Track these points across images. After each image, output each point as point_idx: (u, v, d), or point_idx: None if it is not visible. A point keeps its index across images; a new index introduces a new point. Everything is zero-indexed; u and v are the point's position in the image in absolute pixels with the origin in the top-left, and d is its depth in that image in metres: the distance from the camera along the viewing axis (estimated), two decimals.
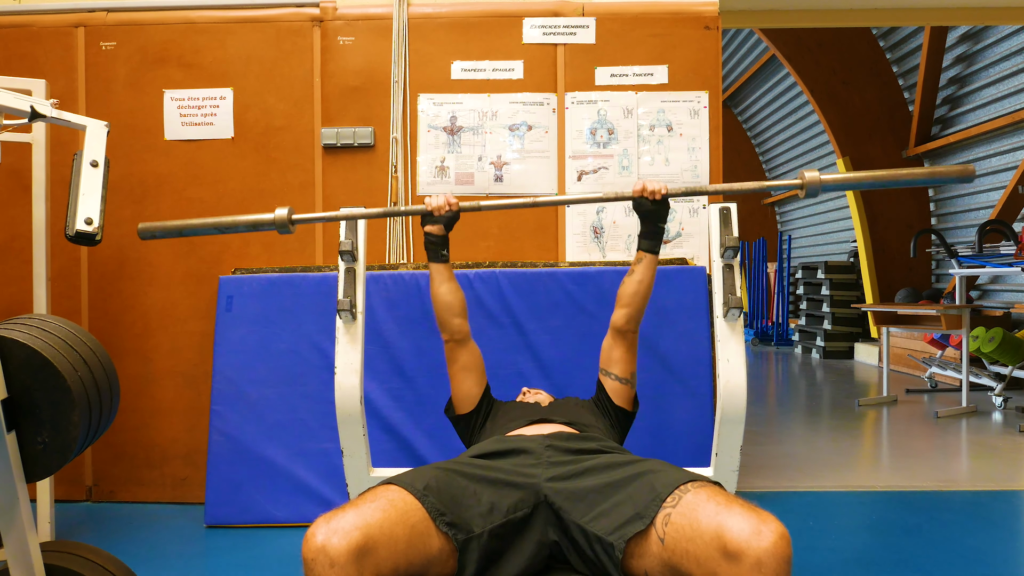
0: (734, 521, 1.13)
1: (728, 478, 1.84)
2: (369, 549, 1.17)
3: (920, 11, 3.78)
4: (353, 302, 1.90)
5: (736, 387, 1.80)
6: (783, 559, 1.10)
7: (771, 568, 1.09)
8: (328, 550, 1.15)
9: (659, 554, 1.23)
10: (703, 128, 3.18)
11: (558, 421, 1.70)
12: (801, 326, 9.34)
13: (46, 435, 1.44)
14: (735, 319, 1.84)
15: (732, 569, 1.10)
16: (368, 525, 1.19)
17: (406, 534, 1.24)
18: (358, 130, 3.18)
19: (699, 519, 1.17)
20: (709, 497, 1.20)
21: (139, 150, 3.20)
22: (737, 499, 1.20)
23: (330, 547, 1.15)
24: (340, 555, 1.14)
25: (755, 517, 1.13)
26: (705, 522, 1.16)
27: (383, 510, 1.24)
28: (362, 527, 1.18)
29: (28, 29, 3.21)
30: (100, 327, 3.17)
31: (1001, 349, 5.12)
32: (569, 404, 1.90)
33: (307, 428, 2.91)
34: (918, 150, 7.80)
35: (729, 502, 1.18)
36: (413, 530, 1.25)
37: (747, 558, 1.09)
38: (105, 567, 1.54)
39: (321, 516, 1.21)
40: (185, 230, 1.80)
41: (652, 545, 1.23)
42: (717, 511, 1.16)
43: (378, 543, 1.19)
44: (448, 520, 1.31)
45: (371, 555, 1.17)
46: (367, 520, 1.20)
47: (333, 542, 1.15)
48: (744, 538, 1.10)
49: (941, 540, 2.64)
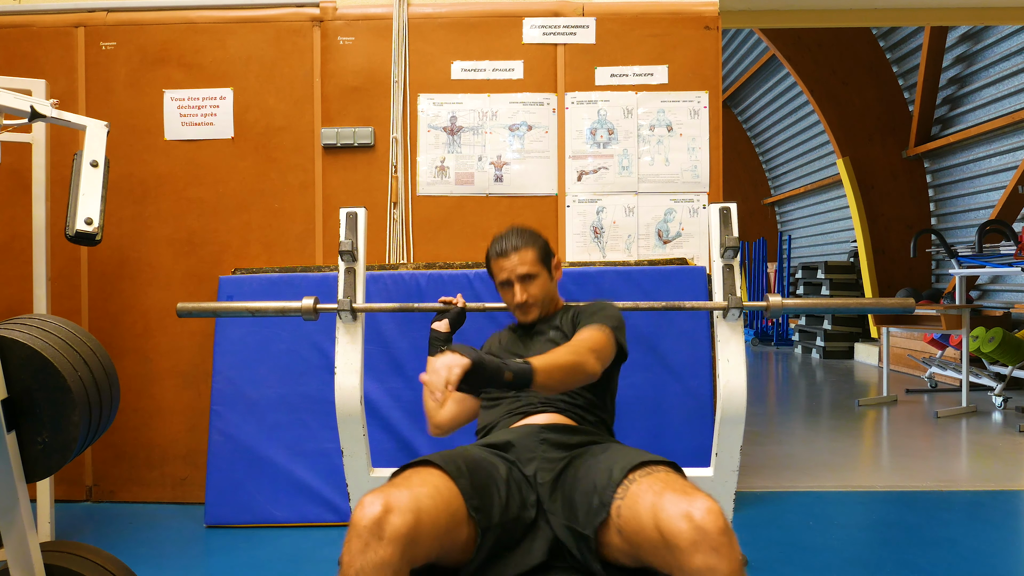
0: (665, 508, 1.16)
1: (728, 478, 1.84)
2: (417, 535, 1.19)
3: (920, 11, 3.78)
4: (353, 302, 1.90)
5: (736, 387, 1.80)
6: (717, 531, 1.12)
7: (708, 543, 1.11)
8: (384, 525, 1.16)
9: (620, 545, 1.28)
10: (703, 128, 3.18)
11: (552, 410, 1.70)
12: (801, 326, 9.34)
13: (46, 435, 1.44)
14: (735, 319, 1.84)
15: (675, 556, 1.14)
16: (420, 511, 1.20)
17: (446, 523, 1.26)
18: (358, 130, 3.18)
19: (640, 511, 1.22)
20: (649, 486, 1.24)
21: (139, 150, 3.20)
22: (674, 482, 1.23)
23: (386, 524, 1.16)
24: (394, 532, 1.15)
25: (683, 499, 1.16)
26: (644, 514, 1.20)
27: (432, 497, 1.25)
28: (415, 511, 1.19)
29: (28, 29, 3.21)
30: (100, 327, 3.17)
31: (1001, 349, 5.12)
32: None
33: (307, 428, 2.92)
34: (918, 150, 7.80)
35: (664, 488, 1.21)
36: (452, 519, 1.28)
37: (683, 541, 1.12)
38: (105, 567, 1.54)
39: (375, 490, 1.22)
40: (220, 312, 1.98)
41: (614, 536, 1.28)
42: (653, 501, 1.20)
43: (424, 529, 1.20)
44: (475, 505, 1.33)
45: (417, 541, 1.19)
46: (420, 505, 1.21)
47: (390, 520, 1.16)
48: (676, 523, 1.14)
49: (941, 540, 2.64)
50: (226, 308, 1.95)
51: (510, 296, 1.86)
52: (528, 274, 1.83)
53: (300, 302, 1.90)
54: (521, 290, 1.83)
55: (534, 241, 1.86)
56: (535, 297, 1.84)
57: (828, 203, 10.27)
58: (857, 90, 8.18)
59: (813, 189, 10.37)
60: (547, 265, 1.88)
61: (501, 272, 1.86)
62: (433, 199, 3.21)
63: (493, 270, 1.89)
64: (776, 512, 2.99)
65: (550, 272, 1.90)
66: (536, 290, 1.84)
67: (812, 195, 10.72)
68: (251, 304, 1.94)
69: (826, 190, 10.15)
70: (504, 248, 1.84)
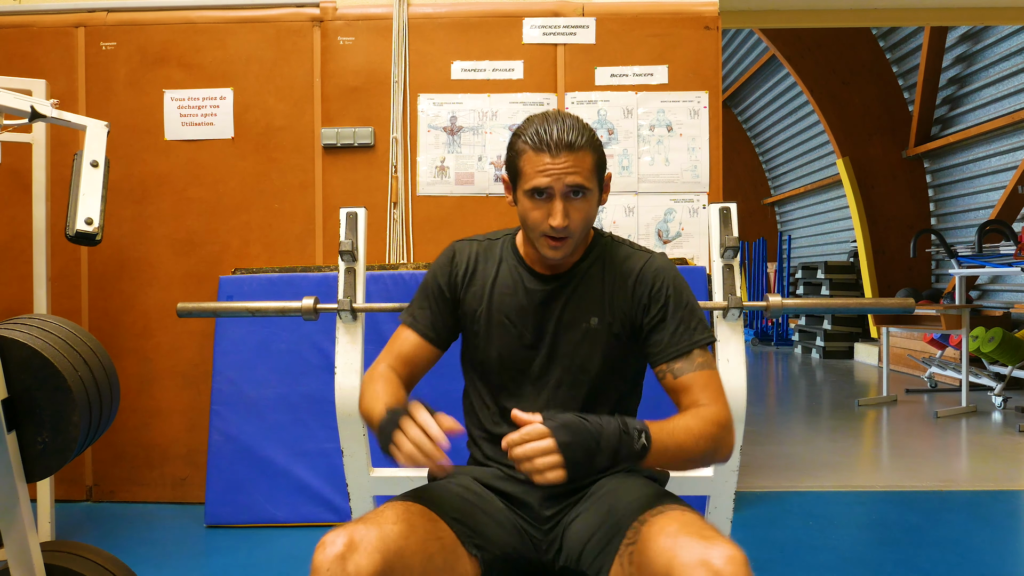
0: (680, 555, 1.02)
1: (728, 478, 1.84)
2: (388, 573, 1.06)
3: (920, 11, 3.78)
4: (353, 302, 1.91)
5: (736, 387, 1.80)
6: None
7: None
8: (347, 565, 1.03)
9: None
10: (703, 128, 3.18)
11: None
12: (801, 326, 9.34)
13: (46, 435, 1.44)
14: (735, 319, 1.84)
15: None
16: (388, 551, 1.07)
17: (428, 562, 1.13)
18: (358, 130, 3.18)
19: (652, 558, 1.07)
20: (661, 529, 1.09)
21: (139, 150, 3.20)
22: (690, 525, 1.08)
23: (350, 563, 1.03)
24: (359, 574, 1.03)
25: (700, 546, 1.02)
26: (656, 561, 1.06)
27: (406, 537, 1.11)
28: (383, 551, 1.06)
29: (28, 29, 3.20)
30: (100, 327, 3.17)
31: (1001, 349, 5.12)
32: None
33: (307, 428, 2.92)
34: (918, 150, 7.80)
35: (679, 532, 1.06)
36: (436, 555, 1.15)
37: None
38: (105, 567, 1.54)
39: (340, 525, 1.09)
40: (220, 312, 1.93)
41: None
42: (666, 546, 1.05)
43: (395, 570, 1.07)
44: (477, 543, 1.22)
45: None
46: (389, 546, 1.07)
47: (354, 559, 1.03)
48: (690, 572, 0.99)
49: (941, 540, 2.64)
50: (226, 308, 1.95)
51: (542, 214, 1.26)
52: (580, 186, 1.25)
53: (300, 302, 1.90)
54: (564, 211, 1.24)
55: (593, 143, 1.27)
56: (577, 224, 1.27)
57: (828, 203, 10.28)
58: (857, 90, 8.18)
59: (813, 189, 10.37)
60: (600, 182, 1.31)
61: (539, 174, 1.24)
62: (433, 199, 3.21)
63: (524, 168, 1.26)
64: (776, 512, 2.99)
65: (601, 192, 1.33)
66: (581, 214, 1.27)
67: (812, 195, 10.72)
68: (251, 304, 1.94)
69: (826, 190, 10.15)
70: (555, 139, 1.23)
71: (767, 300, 1.80)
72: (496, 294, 1.37)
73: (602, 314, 1.34)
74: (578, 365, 1.34)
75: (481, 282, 1.39)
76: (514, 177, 1.30)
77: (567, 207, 1.24)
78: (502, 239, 1.44)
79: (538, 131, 1.24)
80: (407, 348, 1.40)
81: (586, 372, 1.35)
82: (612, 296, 1.34)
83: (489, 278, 1.39)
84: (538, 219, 1.26)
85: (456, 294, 1.40)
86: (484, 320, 1.37)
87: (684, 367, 1.29)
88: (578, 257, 1.37)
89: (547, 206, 1.25)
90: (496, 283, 1.38)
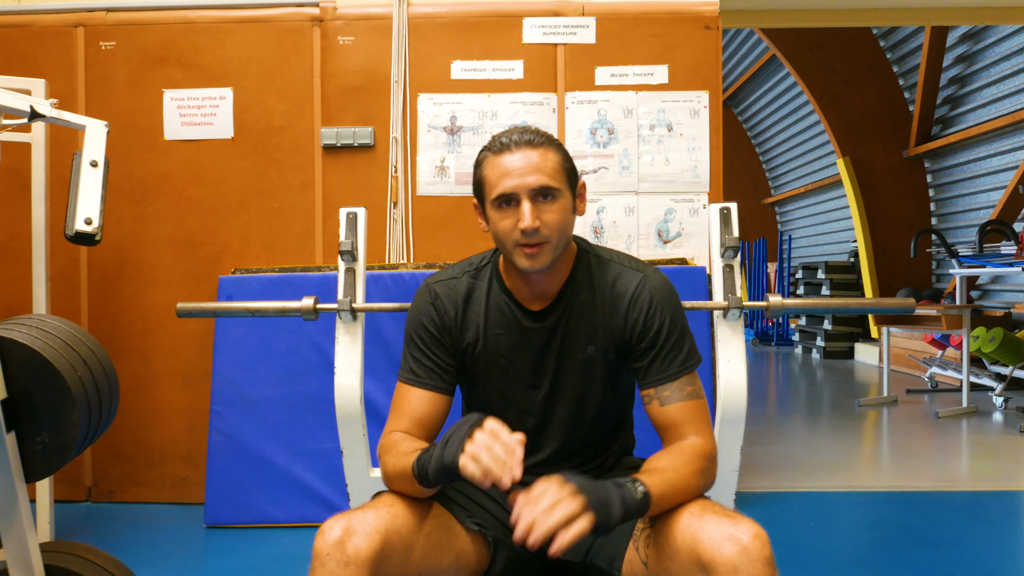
0: (706, 531, 1.06)
1: (728, 478, 1.84)
2: (386, 558, 1.10)
3: (920, 11, 3.78)
4: (353, 302, 1.90)
5: (736, 387, 1.80)
6: (759, 560, 1.02)
7: (748, 572, 1.02)
8: (346, 548, 1.07)
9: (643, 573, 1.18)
10: (703, 128, 3.18)
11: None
12: (801, 326, 9.33)
13: (46, 435, 1.44)
14: (735, 319, 1.84)
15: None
16: (388, 531, 1.11)
17: (426, 539, 1.17)
18: (358, 130, 3.18)
19: (674, 535, 1.10)
20: (684, 508, 1.13)
21: (139, 150, 3.20)
22: (711, 506, 1.13)
23: (349, 545, 1.08)
24: (359, 556, 1.07)
25: (727, 522, 1.06)
26: (680, 538, 1.09)
27: (404, 516, 1.15)
28: (382, 532, 1.10)
29: (28, 29, 3.20)
30: (100, 327, 3.17)
31: (1001, 349, 5.12)
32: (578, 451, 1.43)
33: (307, 428, 2.91)
34: (918, 150, 7.80)
35: (702, 511, 1.10)
36: (434, 535, 1.18)
37: (721, 567, 1.02)
38: (105, 567, 1.54)
39: (338, 513, 1.14)
40: (220, 312, 1.93)
41: (637, 569, 1.18)
42: (689, 523, 1.09)
43: (396, 551, 1.12)
44: (477, 522, 1.25)
45: (388, 563, 1.11)
46: (387, 526, 1.12)
47: (353, 542, 1.08)
48: (716, 547, 1.03)
49: (941, 540, 2.64)
50: (226, 308, 1.95)
51: (511, 222, 1.21)
52: (546, 187, 1.20)
53: (300, 302, 1.90)
54: (533, 212, 1.19)
55: (555, 142, 1.25)
56: (551, 228, 1.21)
57: (828, 203, 10.27)
58: (857, 90, 8.18)
59: (813, 189, 10.37)
60: (572, 186, 1.27)
61: (501, 178, 1.21)
62: (433, 199, 3.21)
63: (487, 176, 1.24)
64: (776, 512, 2.99)
65: (574, 198, 1.28)
66: (554, 217, 1.21)
67: (812, 195, 10.72)
68: (251, 304, 1.94)
69: (826, 190, 10.15)
70: (515, 139, 1.22)
71: (767, 300, 1.80)
72: (491, 335, 1.33)
73: (597, 342, 1.32)
74: (580, 395, 1.36)
75: (475, 322, 1.34)
76: (480, 193, 1.28)
77: (536, 209, 1.20)
78: (484, 269, 1.37)
79: (499, 139, 1.24)
80: (420, 408, 1.32)
81: (588, 399, 1.36)
82: (606, 322, 1.31)
83: (480, 317, 1.34)
84: (508, 228, 1.22)
85: (452, 336, 1.34)
86: (483, 362, 1.34)
87: (672, 396, 1.28)
88: (563, 278, 1.31)
89: (516, 212, 1.21)
90: (488, 322, 1.34)
